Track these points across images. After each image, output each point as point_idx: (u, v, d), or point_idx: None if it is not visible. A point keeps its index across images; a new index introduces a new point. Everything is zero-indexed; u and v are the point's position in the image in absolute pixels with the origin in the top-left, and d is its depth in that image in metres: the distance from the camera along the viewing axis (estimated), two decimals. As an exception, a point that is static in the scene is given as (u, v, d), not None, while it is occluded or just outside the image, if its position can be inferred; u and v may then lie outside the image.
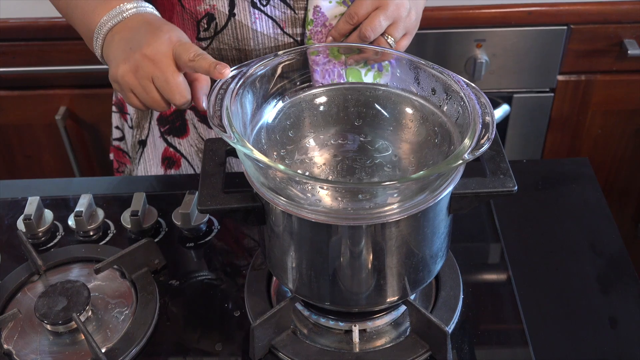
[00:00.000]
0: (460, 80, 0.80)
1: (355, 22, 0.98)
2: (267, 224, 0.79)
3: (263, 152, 0.81)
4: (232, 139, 0.72)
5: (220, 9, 1.02)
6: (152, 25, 0.87)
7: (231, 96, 0.78)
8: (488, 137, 0.72)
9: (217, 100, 0.77)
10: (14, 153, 1.83)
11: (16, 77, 1.69)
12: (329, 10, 1.02)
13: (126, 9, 0.89)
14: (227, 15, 1.02)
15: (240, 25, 1.03)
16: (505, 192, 0.78)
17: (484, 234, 1.02)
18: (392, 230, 0.74)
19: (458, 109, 0.79)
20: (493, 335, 0.88)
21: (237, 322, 0.90)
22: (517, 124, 1.75)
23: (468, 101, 0.77)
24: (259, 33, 1.03)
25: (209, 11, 1.02)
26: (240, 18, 1.02)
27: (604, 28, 1.60)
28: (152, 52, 0.84)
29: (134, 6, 0.89)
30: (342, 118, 0.88)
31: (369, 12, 0.97)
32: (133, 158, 1.24)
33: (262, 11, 1.02)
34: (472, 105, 0.76)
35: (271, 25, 1.04)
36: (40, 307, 0.87)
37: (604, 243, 1.00)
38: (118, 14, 0.89)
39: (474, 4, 1.58)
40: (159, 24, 0.87)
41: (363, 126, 0.87)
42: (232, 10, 1.02)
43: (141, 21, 0.88)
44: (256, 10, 1.02)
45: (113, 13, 0.89)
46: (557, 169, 1.14)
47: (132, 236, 1.01)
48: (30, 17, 1.59)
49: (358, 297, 0.81)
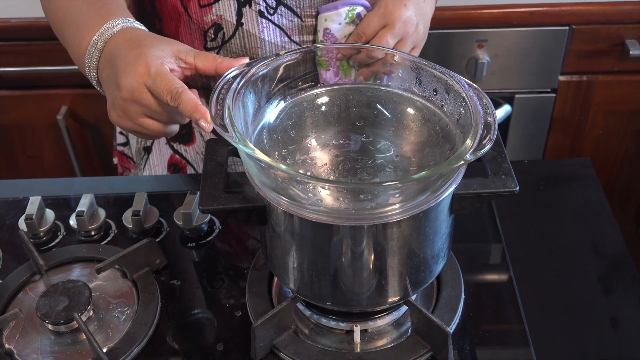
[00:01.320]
0: (462, 81, 0.80)
1: (363, 41, 0.98)
2: (269, 224, 0.79)
3: (265, 151, 0.81)
4: (233, 139, 0.72)
5: (228, 18, 1.01)
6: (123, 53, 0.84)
7: (233, 96, 0.78)
8: (490, 137, 0.72)
9: (219, 99, 0.77)
10: (16, 152, 1.83)
11: (18, 77, 1.69)
12: (338, 32, 1.02)
13: (113, 24, 0.87)
14: (235, 25, 1.02)
15: (248, 35, 1.02)
16: (506, 193, 0.78)
17: (485, 234, 1.02)
18: (394, 231, 0.74)
19: (460, 110, 0.79)
20: (494, 335, 0.88)
21: (238, 322, 0.90)
22: (519, 125, 1.75)
23: (470, 102, 0.77)
24: (266, 42, 1.03)
25: (216, 21, 1.02)
26: (247, 27, 1.02)
27: (606, 28, 1.60)
28: (128, 93, 0.82)
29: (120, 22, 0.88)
30: (343, 118, 0.88)
31: (377, 31, 0.97)
32: (138, 164, 1.24)
33: (269, 20, 1.02)
34: (473, 106, 0.76)
35: (279, 34, 1.03)
36: (41, 307, 0.87)
37: (606, 244, 1.00)
38: (105, 30, 0.87)
39: (475, 4, 1.58)
40: (131, 47, 0.84)
41: (365, 126, 0.87)
42: (239, 20, 1.01)
43: (119, 43, 0.86)
44: (264, 20, 1.02)
45: (102, 30, 0.87)
46: (558, 170, 1.14)
47: (134, 236, 1.01)
48: (32, 16, 1.60)
49: (359, 298, 0.81)
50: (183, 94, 0.79)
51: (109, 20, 0.87)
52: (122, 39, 0.86)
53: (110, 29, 0.87)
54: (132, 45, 0.84)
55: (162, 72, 0.80)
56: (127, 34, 0.86)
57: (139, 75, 0.81)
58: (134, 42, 0.85)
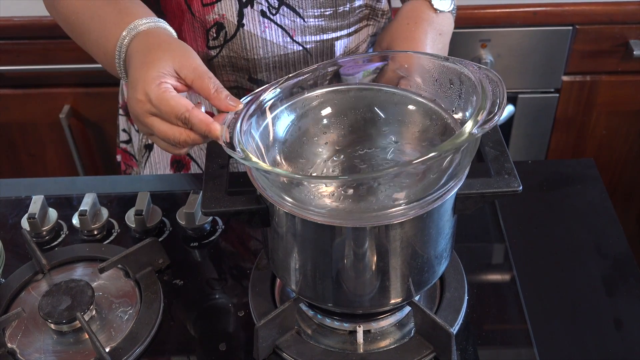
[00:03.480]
0: (470, 63, 0.79)
1: None
2: (271, 225, 0.79)
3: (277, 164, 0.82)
4: (240, 156, 0.73)
5: (230, 18, 1.01)
6: (132, 66, 0.83)
7: (241, 124, 0.78)
8: (497, 112, 0.71)
9: (229, 127, 0.78)
10: (18, 151, 1.83)
11: (20, 76, 1.69)
12: None
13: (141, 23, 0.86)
14: (236, 25, 1.02)
15: (249, 35, 1.02)
16: (510, 192, 0.78)
17: (488, 234, 1.02)
18: (397, 232, 0.74)
19: (465, 90, 0.78)
20: (498, 336, 0.88)
21: (241, 322, 0.90)
22: (522, 125, 1.75)
23: (477, 82, 0.76)
24: (268, 42, 1.03)
25: (218, 20, 1.02)
26: (249, 28, 1.02)
27: (609, 28, 1.60)
28: (135, 118, 0.81)
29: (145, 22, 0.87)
30: (345, 120, 0.88)
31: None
32: (141, 161, 1.24)
33: (271, 20, 1.02)
34: (482, 85, 0.75)
35: (280, 34, 1.03)
36: (44, 306, 0.87)
37: (609, 244, 1.00)
38: (133, 28, 0.86)
39: (479, 3, 1.58)
40: (137, 64, 0.83)
41: (371, 129, 0.87)
42: (240, 21, 1.01)
43: (132, 53, 0.85)
44: (265, 19, 1.02)
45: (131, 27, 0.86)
46: (562, 170, 1.14)
47: (136, 235, 1.01)
48: (34, 15, 1.60)
49: (362, 299, 0.81)
50: (192, 117, 0.78)
51: (135, 20, 0.86)
52: (137, 47, 0.85)
53: (136, 28, 0.86)
54: (139, 59, 0.83)
55: (163, 98, 0.78)
56: (144, 40, 0.85)
57: (141, 103, 0.80)
58: (142, 54, 0.83)
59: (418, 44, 1.00)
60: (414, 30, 1.00)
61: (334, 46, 1.08)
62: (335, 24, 1.06)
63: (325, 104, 0.87)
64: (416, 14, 1.03)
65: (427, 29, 1.01)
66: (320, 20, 1.04)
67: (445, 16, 1.03)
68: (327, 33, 1.06)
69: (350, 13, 1.06)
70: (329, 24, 1.05)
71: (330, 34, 1.07)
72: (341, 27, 1.07)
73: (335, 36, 1.07)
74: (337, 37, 1.08)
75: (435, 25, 1.02)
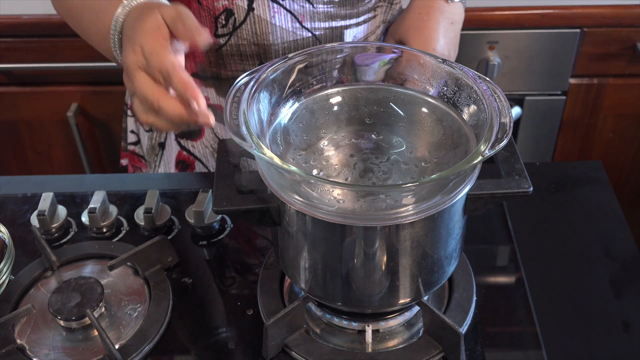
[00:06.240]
0: (477, 78, 0.80)
1: None
2: (282, 224, 0.79)
3: (280, 153, 0.81)
4: (252, 148, 0.71)
5: (239, 3, 1.02)
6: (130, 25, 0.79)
7: (247, 100, 0.77)
8: (506, 134, 0.73)
9: (233, 107, 0.76)
10: (25, 149, 1.84)
11: (28, 73, 1.70)
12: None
13: None
14: (246, 10, 1.02)
15: (259, 20, 1.03)
16: (520, 193, 0.78)
17: (497, 236, 1.02)
18: (408, 232, 0.74)
19: (473, 107, 0.79)
20: (506, 337, 0.88)
21: (249, 320, 0.90)
22: (529, 127, 1.75)
23: (484, 98, 0.77)
24: (277, 27, 1.04)
25: (228, 6, 1.02)
26: (259, 12, 1.02)
27: (617, 31, 1.60)
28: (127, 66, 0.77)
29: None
30: (356, 117, 0.88)
31: None
32: (150, 162, 1.23)
33: (281, 5, 1.02)
34: (488, 103, 0.76)
35: (290, 19, 1.04)
36: (53, 303, 0.87)
37: (617, 246, 1.00)
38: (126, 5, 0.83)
39: (487, 5, 1.58)
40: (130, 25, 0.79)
41: (378, 125, 0.87)
42: (250, 5, 1.02)
43: (131, 17, 0.81)
44: (275, 4, 1.02)
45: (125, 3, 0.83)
46: (570, 172, 1.14)
47: (145, 233, 1.02)
48: (43, 13, 1.60)
49: (371, 299, 0.81)
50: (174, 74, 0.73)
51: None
52: (132, 15, 0.82)
53: (130, 4, 0.83)
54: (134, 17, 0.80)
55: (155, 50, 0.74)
56: (138, 8, 0.82)
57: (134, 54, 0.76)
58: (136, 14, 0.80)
59: (431, 34, 1.02)
60: (427, 20, 1.03)
61: (344, 34, 1.08)
62: (344, 11, 1.07)
63: (337, 95, 0.88)
64: (428, 3, 1.06)
65: (439, 18, 1.04)
66: (329, 7, 1.05)
67: (456, 5, 1.07)
68: (336, 20, 1.07)
69: (359, 1, 1.07)
70: (338, 11, 1.06)
71: (339, 22, 1.07)
72: (350, 16, 1.08)
73: (345, 24, 1.08)
74: (347, 25, 1.08)
75: (447, 15, 1.05)
